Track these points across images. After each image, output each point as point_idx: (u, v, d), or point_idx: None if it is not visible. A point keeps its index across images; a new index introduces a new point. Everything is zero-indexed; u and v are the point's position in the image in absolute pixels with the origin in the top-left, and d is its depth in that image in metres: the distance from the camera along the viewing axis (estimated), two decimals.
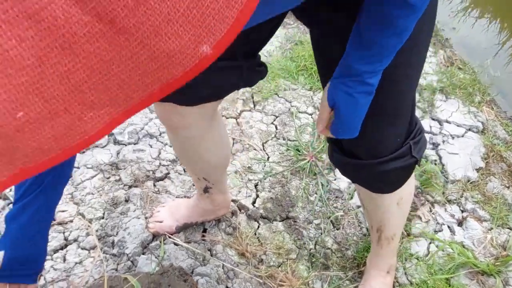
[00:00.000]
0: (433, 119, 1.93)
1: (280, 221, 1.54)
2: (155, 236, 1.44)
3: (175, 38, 0.36)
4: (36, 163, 0.39)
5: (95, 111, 0.38)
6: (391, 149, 0.94)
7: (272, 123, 1.87)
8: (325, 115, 0.85)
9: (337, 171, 1.70)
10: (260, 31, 0.89)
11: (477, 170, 1.75)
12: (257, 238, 1.49)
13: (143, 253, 1.39)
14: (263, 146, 1.78)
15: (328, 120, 0.86)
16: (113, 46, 0.35)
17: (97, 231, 1.45)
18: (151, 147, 1.70)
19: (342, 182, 1.66)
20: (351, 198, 1.62)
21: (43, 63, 0.34)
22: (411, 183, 1.10)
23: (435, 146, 1.82)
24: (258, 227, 1.52)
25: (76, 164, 1.60)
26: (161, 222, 1.44)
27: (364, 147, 0.95)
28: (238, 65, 0.94)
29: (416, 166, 1.03)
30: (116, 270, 1.35)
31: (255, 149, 1.75)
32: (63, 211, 1.49)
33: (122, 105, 0.39)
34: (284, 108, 1.92)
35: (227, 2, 0.36)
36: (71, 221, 1.47)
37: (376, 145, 0.94)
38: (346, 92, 0.80)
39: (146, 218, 1.48)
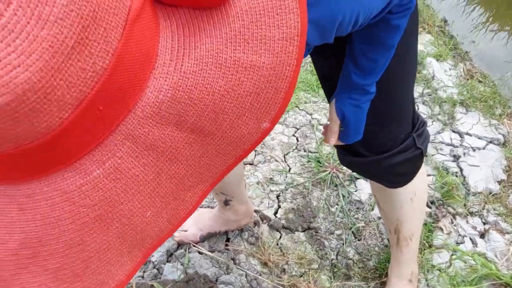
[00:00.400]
0: (453, 132, 1.93)
1: (301, 232, 1.56)
2: (180, 244, 1.47)
3: (244, 126, 0.46)
4: (155, 243, 0.48)
5: (192, 191, 0.48)
6: (396, 144, 1.01)
7: (293, 135, 1.89)
8: (336, 128, 0.91)
9: (358, 182, 1.72)
10: None
11: (499, 182, 1.75)
12: (279, 248, 1.51)
13: (169, 261, 1.42)
14: (284, 157, 1.80)
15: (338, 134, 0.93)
16: (202, 146, 0.45)
17: None
18: None
19: (363, 193, 1.67)
20: (372, 209, 1.63)
21: (159, 174, 0.44)
22: (424, 179, 1.16)
23: (456, 158, 1.82)
24: (280, 237, 1.54)
25: None
26: (185, 231, 1.47)
27: (371, 146, 1.01)
28: None
29: (434, 174, 1.05)
30: (143, 277, 1.38)
31: (276, 161, 1.78)
32: None
33: (209, 180, 0.48)
34: (305, 121, 1.95)
35: (275, 90, 0.45)
36: None
37: (382, 142, 1.00)
38: (353, 105, 0.87)
39: None
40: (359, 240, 1.55)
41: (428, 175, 1.72)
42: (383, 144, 1.01)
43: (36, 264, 0.41)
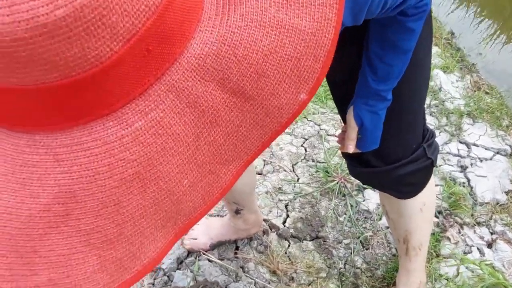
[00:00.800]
0: (460, 142, 1.95)
1: (310, 241, 1.58)
2: (190, 252, 1.49)
3: (283, 94, 0.44)
4: (188, 222, 0.46)
5: (226, 167, 0.46)
6: (407, 154, 1.01)
7: (301, 145, 1.92)
8: (354, 135, 0.92)
9: (365, 192, 1.73)
10: None
11: (506, 193, 1.76)
12: (288, 256, 1.53)
13: (179, 269, 1.45)
14: (293, 167, 1.83)
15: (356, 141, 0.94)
16: (242, 112, 0.44)
17: None
18: None
19: (370, 203, 1.69)
20: (380, 219, 1.65)
21: (199, 137, 0.42)
22: (433, 189, 1.16)
23: (463, 168, 1.84)
24: (289, 246, 1.56)
25: None
26: (195, 239, 1.49)
27: (382, 156, 1.01)
28: None
29: (441, 184, 1.06)
30: (153, 284, 1.40)
31: (285, 171, 1.81)
32: None
33: (243, 158, 0.47)
34: (313, 131, 1.98)
35: (314, 59, 0.44)
36: None
37: (394, 152, 1.01)
38: (370, 111, 0.88)
39: None
40: (367, 249, 1.57)
41: (436, 185, 1.74)
42: (394, 153, 1.01)
43: (68, 223, 0.38)
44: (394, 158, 1.01)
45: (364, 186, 1.75)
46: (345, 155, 1.08)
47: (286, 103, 0.45)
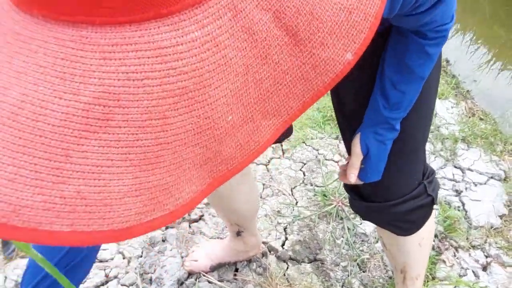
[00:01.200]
0: (455, 167, 2.00)
1: (308, 263, 1.62)
2: (190, 274, 1.52)
3: (332, 46, 0.42)
4: (223, 172, 0.42)
5: (267, 120, 0.43)
6: (408, 190, 1.01)
7: (300, 169, 1.97)
8: (358, 164, 0.92)
9: None
10: None
11: (500, 216, 1.80)
12: (286, 278, 1.56)
13: None
14: (291, 191, 1.87)
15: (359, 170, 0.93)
16: (290, 57, 0.41)
17: (135, 268, 1.55)
18: None
19: (367, 226, 1.73)
20: (377, 241, 1.69)
21: (248, 71, 0.39)
22: (432, 223, 1.15)
23: (458, 193, 1.88)
24: (287, 268, 1.59)
25: None
26: (196, 261, 1.53)
27: (384, 191, 1.01)
28: None
29: (436, 208, 1.09)
30: None
31: (284, 194, 1.85)
32: (104, 249, 1.60)
33: (283, 116, 0.44)
34: (312, 156, 2.03)
35: (364, 16, 0.43)
36: (112, 259, 1.58)
37: (396, 187, 1.00)
38: (378, 140, 0.88)
39: (182, 257, 1.58)
40: (364, 272, 1.60)
41: None
42: (396, 189, 1.00)
43: (108, 130, 0.34)
44: (395, 193, 1.01)
45: None
46: (347, 188, 1.09)
47: (333, 58, 0.42)
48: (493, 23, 3.29)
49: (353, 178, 0.93)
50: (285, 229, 1.72)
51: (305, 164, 2.00)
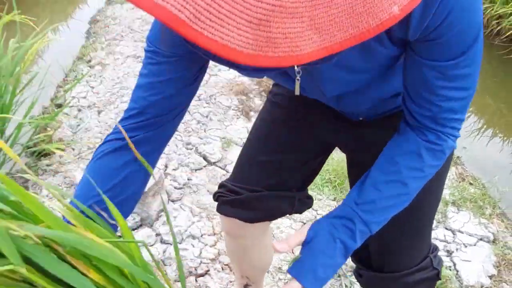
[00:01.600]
0: (446, 229, 2.12)
1: None
2: None
3: None
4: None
5: (316, 35, 0.45)
6: (416, 262, 1.04)
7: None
8: (295, 243, 0.81)
9: None
10: (312, 162, 1.13)
11: (490, 277, 1.90)
12: None
13: None
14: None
15: (292, 248, 0.82)
16: None
17: None
18: (193, 246, 1.92)
19: None
20: None
21: None
22: None
23: (449, 253, 1.99)
24: None
25: None
26: None
27: (391, 261, 1.03)
28: (292, 196, 1.13)
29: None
30: None
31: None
32: None
33: (325, 41, 0.45)
34: (311, 216, 2.15)
35: None
36: None
37: (403, 258, 1.03)
38: (330, 232, 0.79)
39: None
40: None
41: None
42: (403, 259, 1.02)
43: None
44: (404, 264, 1.02)
45: None
46: (354, 258, 1.10)
47: (381, 2, 0.44)
48: (483, 93, 3.51)
49: (278, 248, 0.81)
50: None
51: (304, 223, 2.11)
